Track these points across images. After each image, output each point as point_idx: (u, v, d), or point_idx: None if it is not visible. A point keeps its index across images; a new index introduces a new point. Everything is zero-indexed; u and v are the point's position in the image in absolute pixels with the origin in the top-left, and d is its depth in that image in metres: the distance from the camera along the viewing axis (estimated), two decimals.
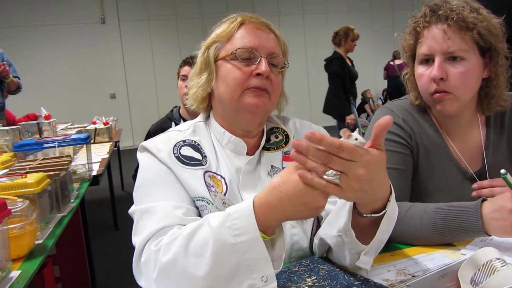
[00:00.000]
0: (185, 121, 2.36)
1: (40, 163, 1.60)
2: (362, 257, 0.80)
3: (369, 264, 0.82)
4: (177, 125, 2.37)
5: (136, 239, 0.86)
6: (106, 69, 9.43)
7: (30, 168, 1.51)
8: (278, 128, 1.12)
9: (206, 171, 0.98)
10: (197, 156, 1.00)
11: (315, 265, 0.91)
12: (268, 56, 0.99)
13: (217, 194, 0.95)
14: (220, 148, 1.04)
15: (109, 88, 9.53)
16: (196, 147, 1.02)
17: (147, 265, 0.80)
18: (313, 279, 0.84)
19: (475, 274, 0.72)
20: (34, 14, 8.87)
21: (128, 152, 6.39)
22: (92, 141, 3.08)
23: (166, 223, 0.84)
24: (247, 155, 1.04)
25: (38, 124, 2.76)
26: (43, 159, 1.73)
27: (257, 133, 1.07)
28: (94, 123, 4.06)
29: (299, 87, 10.16)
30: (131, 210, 0.93)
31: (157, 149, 0.98)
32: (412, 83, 1.19)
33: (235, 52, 0.98)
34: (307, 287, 0.81)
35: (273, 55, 1.01)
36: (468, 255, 0.77)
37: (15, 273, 0.99)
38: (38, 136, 2.71)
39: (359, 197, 0.72)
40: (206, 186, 0.95)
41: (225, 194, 0.96)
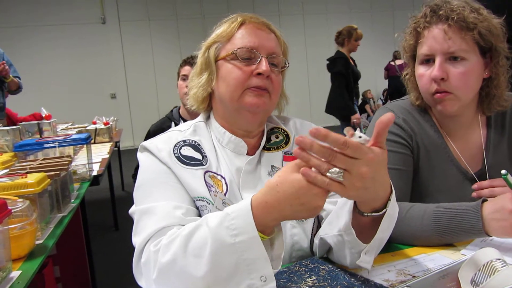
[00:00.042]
0: (185, 121, 2.36)
1: (40, 163, 1.60)
2: (363, 256, 0.80)
3: (369, 263, 0.82)
4: (176, 125, 2.37)
5: (136, 239, 0.86)
6: (106, 69, 9.44)
7: (30, 168, 1.51)
8: (278, 128, 1.12)
9: (207, 171, 0.98)
10: (198, 156, 1.00)
11: (315, 265, 0.91)
12: (269, 56, 0.99)
13: (217, 194, 0.95)
14: (221, 148, 1.04)
15: (109, 88, 9.54)
16: (196, 147, 1.01)
17: (147, 265, 0.80)
18: (313, 280, 0.84)
19: (476, 274, 0.72)
20: (35, 14, 8.88)
21: (128, 152, 6.39)
22: (93, 141, 3.09)
23: (166, 223, 0.84)
24: (248, 155, 1.03)
25: (38, 124, 2.77)
26: (44, 159, 1.73)
27: (257, 133, 1.07)
28: (95, 123, 4.07)
29: (300, 87, 10.16)
30: (131, 210, 0.93)
31: (157, 149, 0.98)
32: (413, 83, 1.19)
33: (236, 52, 0.98)
34: (307, 287, 0.81)
35: (274, 55, 1.01)
36: (469, 255, 0.76)
37: (15, 273, 0.99)
38: (38, 136, 2.71)
39: (361, 195, 0.72)
40: (207, 186, 0.95)
41: (225, 194, 0.96)
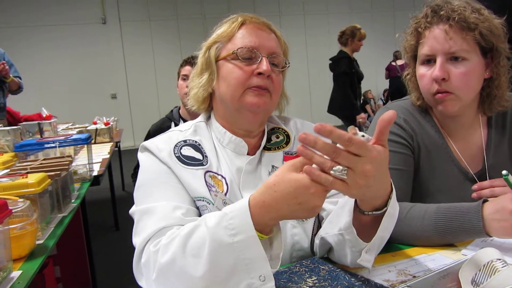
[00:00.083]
0: (185, 121, 2.36)
1: (41, 163, 1.60)
2: (364, 255, 0.80)
3: (370, 262, 0.82)
4: (176, 125, 2.37)
5: (136, 239, 0.86)
6: (107, 69, 9.44)
7: (31, 168, 1.51)
8: (279, 128, 1.12)
9: (207, 171, 0.98)
10: (198, 156, 1.00)
11: (316, 266, 0.91)
12: (269, 56, 0.99)
13: (217, 194, 0.94)
14: (221, 148, 1.04)
15: (110, 89, 9.54)
16: (197, 147, 1.01)
17: (146, 266, 0.80)
18: (314, 280, 0.84)
19: (476, 274, 0.72)
20: (35, 14, 8.88)
21: (129, 152, 6.38)
22: (93, 141, 3.09)
23: (166, 223, 0.84)
24: (248, 155, 1.03)
25: (39, 124, 2.77)
26: (44, 159, 1.73)
27: (258, 133, 1.07)
28: (95, 123, 4.07)
29: (300, 87, 10.15)
30: (132, 210, 0.93)
31: (157, 149, 0.98)
32: (414, 83, 1.19)
33: (236, 52, 0.98)
34: (307, 287, 0.81)
35: (274, 54, 1.01)
36: (469, 255, 0.76)
37: (16, 273, 0.99)
38: (39, 136, 2.72)
39: (363, 193, 0.72)
40: (207, 186, 0.95)
41: (225, 194, 0.96)
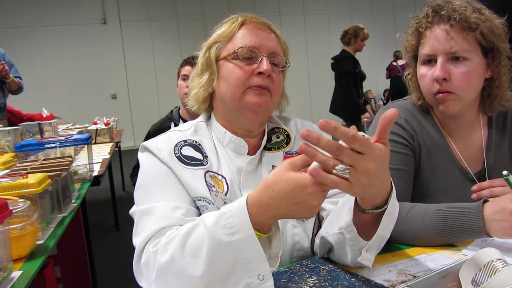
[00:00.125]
0: (184, 121, 2.36)
1: (41, 164, 1.60)
2: (364, 254, 0.80)
3: (370, 260, 0.82)
4: (176, 125, 2.37)
5: (136, 240, 0.86)
6: (107, 69, 9.44)
7: (31, 168, 1.51)
8: (279, 128, 1.12)
9: (207, 171, 0.98)
10: (198, 156, 0.99)
11: (316, 266, 0.91)
12: (269, 55, 0.99)
13: (218, 194, 0.94)
14: (221, 148, 1.04)
15: (110, 89, 9.54)
16: (197, 147, 1.01)
17: (146, 266, 0.80)
18: (314, 280, 0.84)
19: (476, 274, 0.72)
20: (35, 14, 8.89)
21: (129, 152, 6.38)
22: (93, 141, 3.09)
23: (166, 223, 0.84)
24: (248, 155, 1.03)
25: (39, 124, 2.77)
26: (44, 159, 1.73)
27: (258, 133, 1.07)
28: (95, 123, 4.07)
29: (300, 87, 10.14)
30: (132, 210, 0.93)
31: (158, 149, 0.98)
32: (414, 83, 1.19)
33: (237, 51, 0.98)
34: (308, 287, 0.81)
35: (274, 54, 1.01)
36: (469, 255, 0.76)
37: (16, 274, 0.99)
38: (39, 136, 2.71)
39: (364, 191, 0.72)
40: (207, 186, 0.95)
41: (226, 194, 0.96)
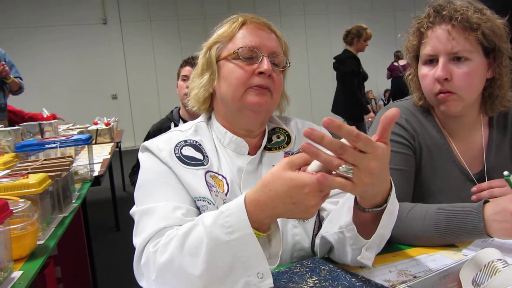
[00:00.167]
0: (184, 122, 2.36)
1: (41, 164, 1.60)
2: (364, 252, 0.80)
3: (370, 259, 0.82)
4: (176, 126, 2.37)
5: (137, 240, 0.86)
6: (107, 69, 9.44)
7: (31, 168, 1.51)
8: (279, 128, 1.12)
9: (208, 171, 0.98)
10: (199, 156, 0.99)
11: (316, 266, 0.90)
12: (270, 55, 0.99)
13: (218, 194, 0.94)
14: (222, 148, 1.04)
15: (110, 89, 9.54)
16: (197, 147, 1.01)
17: (146, 266, 0.81)
18: (314, 280, 0.84)
19: (477, 275, 0.72)
20: (36, 15, 8.89)
21: (129, 152, 6.37)
22: (94, 141, 3.09)
23: (166, 224, 0.84)
24: (249, 155, 1.03)
25: (40, 124, 2.77)
26: (45, 159, 1.73)
27: (258, 133, 1.06)
28: (96, 123, 4.07)
29: (301, 87, 10.14)
30: (132, 210, 0.93)
31: (158, 149, 0.98)
32: (416, 83, 1.19)
33: (237, 51, 0.98)
34: (308, 287, 0.81)
35: (275, 54, 1.01)
36: (470, 256, 0.76)
37: (16, 274, 0.99)
38: (39, 136, 2.72)
39: (366, 190, 0.72)
40: (207, 186, 0.95)
41: (226, 194, 0.96)
